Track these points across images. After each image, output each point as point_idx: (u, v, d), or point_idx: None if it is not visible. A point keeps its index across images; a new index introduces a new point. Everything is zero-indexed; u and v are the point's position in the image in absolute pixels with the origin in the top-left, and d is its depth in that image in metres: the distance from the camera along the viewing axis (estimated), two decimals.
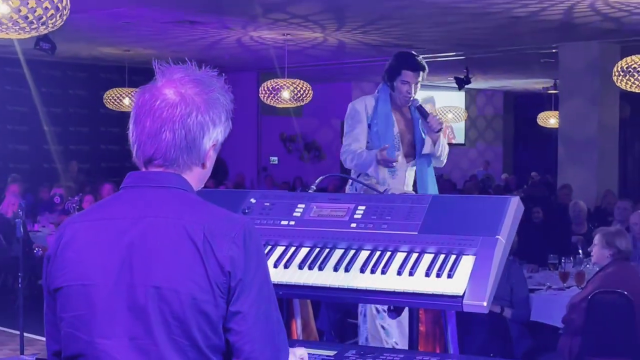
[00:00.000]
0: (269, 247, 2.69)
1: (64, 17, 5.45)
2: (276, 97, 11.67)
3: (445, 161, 4.97)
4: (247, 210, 2.82)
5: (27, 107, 13.93)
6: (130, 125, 2.00)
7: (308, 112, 16.55)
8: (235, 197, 2.94)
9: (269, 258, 2.64)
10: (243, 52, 12.35)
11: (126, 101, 13.06)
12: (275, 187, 13.53)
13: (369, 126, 4.83)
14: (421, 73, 4.85)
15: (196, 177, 2.04)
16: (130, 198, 2.00)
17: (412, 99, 4.84)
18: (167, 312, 1.87)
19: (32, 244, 9.18)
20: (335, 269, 2.54)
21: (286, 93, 11.58)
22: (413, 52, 5.04)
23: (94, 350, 1.92)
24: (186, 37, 11.34)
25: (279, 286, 2.50)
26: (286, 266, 2.61)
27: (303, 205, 2.79)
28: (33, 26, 5.41)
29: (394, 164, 4.72)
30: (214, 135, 2.01)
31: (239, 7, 9.24)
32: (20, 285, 7.03)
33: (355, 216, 2.70)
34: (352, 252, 2.59)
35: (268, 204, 2.84)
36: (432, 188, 4.92)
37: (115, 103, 13.21)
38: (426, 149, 4.82)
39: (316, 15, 9.82)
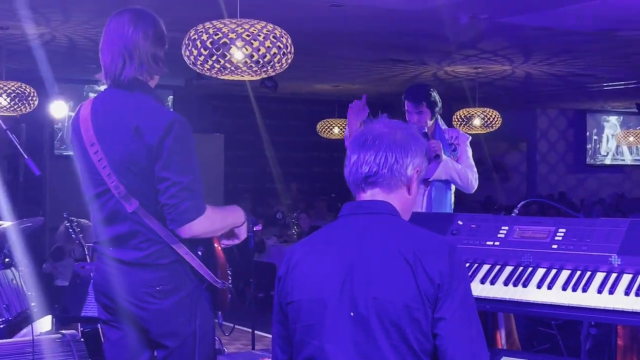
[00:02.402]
0: (476, 265, 2.67)
1: (289, 61, 5.62)
2: (468, 125, 11.53)
3: (470, 185, 4.52)
4: (455, 232, 2.81)
5: (253, 136, 14.50)
6: (349, 153, 2.15)
7: (496, 136, 16.25)
8: (444, 219, 2.94)
9: (476, 275, 2.62)
10: (438, 84, 12.30)
11: (335, 130, 13.31)
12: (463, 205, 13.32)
13: None
14: (423, 104, 4.55)
15: (401, 201, 2.13)
16: (348, 224, 2.10)
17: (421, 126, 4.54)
18: (385, 320, 1.92)
19: (260, 254, 9.52)
20: (539, 287, 2.48)
21: (477, 121, 11.41)
22: (422, 84, 4.77)
23: (323, 354, 1.99)
24: (388, 73, 11.44)
25: (485, 301, 2.47)
26: (492, 282, 2.57)
27: (507, 228, 2.75)
28: (263, 69, 5.61)
29: None
30: (416, 162, 2.12)
31: (435, 46, 9.24)
32: (251, 289, 7.32)
33: (556, 238, 2.62)
34: (553, 271, 2.53)
35: (474, 225, 2.82)
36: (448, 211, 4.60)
37: (326, 132, 13.50)
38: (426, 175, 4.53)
39: (504, 50, 9.64)
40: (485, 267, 2.64)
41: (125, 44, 2.72)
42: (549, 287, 2.45)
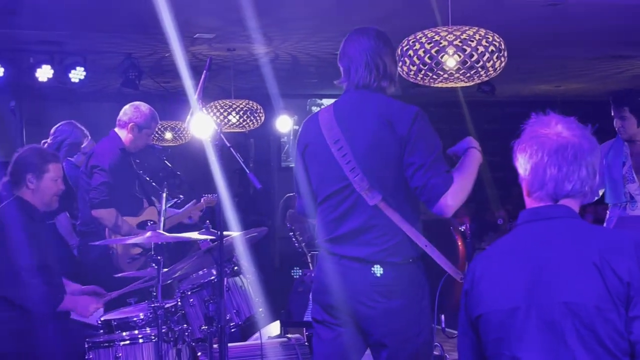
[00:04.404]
0: None
1: (502, 65, 5.53)
2: None
3: None
4: None
5: None
6: (536, 160, 2.09)
7: None
8: None
9: None
10: None
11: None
12: None
13: None
14: (626, 109, 4.39)
15: (579, 206, 2.10)
16: (527, 232, 2.08)
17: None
18: (578, 324, 1.90)
19: None
20: None
21: None
22: (631, 89, 4.53)
23: None
24: (612, 70, 10.93)
25: None
26: None
27: None
28: (476, 74, 5.56)
29: (634, 195, 4.30)
30: (597, 167, 2.09)
31: None
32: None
33: None
34: None
35: None
36: None
37: None
38: None
39: None
40: None
41: (382, 60, 2.98)
42: None
